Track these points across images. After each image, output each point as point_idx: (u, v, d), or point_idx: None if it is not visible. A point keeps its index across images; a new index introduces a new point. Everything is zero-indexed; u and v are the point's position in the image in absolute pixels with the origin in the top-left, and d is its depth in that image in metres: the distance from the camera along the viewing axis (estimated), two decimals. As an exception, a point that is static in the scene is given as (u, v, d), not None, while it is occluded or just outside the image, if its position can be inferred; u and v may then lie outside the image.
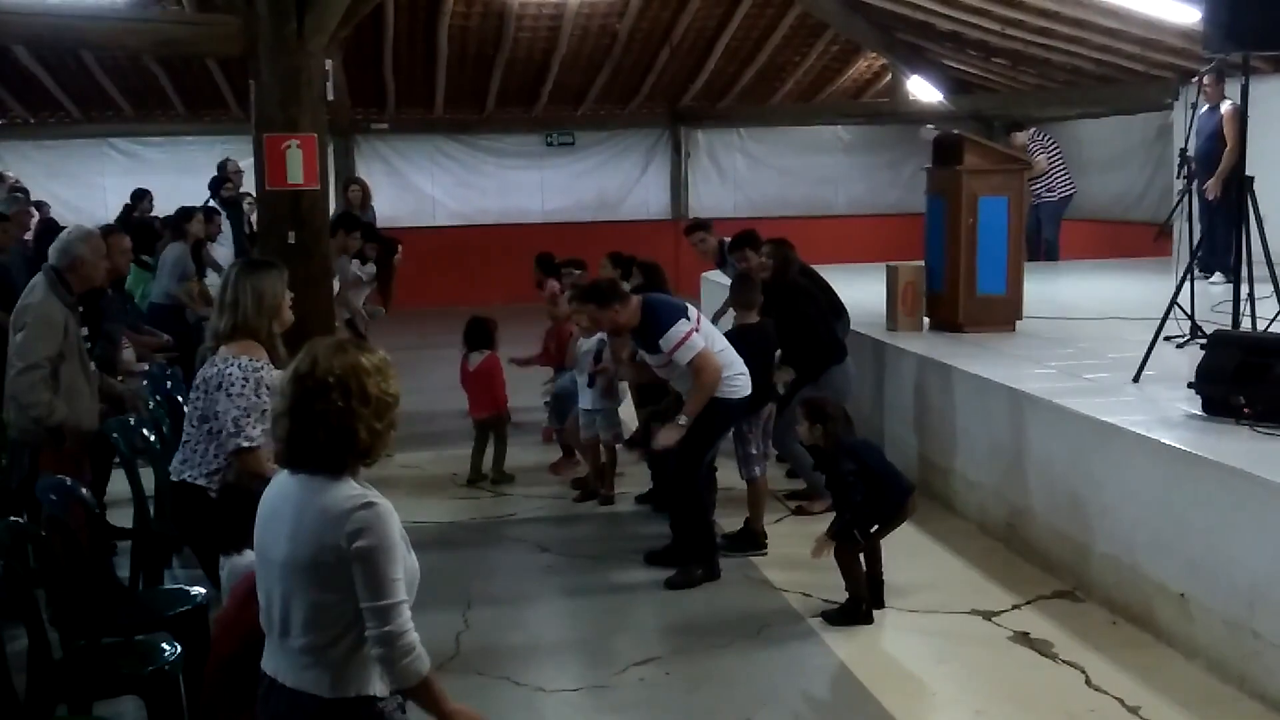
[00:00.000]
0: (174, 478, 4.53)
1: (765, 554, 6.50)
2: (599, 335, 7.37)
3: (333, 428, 2.71)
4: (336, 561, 2.68)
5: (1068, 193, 13.92)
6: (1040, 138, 14.06)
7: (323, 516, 2.70)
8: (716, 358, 5.96)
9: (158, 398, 6.37)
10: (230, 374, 4.34)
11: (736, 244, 8.19)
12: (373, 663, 2.77)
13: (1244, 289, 6.54)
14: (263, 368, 4.37)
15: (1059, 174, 13.83)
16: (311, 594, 2.72)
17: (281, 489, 2.81)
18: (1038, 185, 13.44)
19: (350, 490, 2.73)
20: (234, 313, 4.45)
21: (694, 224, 9.51)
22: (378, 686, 2.79)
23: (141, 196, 13.30)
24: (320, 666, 2.74)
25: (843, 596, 5.68)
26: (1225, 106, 9.69)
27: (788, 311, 7.02)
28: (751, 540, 6.58)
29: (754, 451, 6.55)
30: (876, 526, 5.68)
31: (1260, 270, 6.54)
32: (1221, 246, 9.93)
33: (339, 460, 2.74)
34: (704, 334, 6.05)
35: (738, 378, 6.09)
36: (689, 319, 6.00)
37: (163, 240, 10.27)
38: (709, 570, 6.12)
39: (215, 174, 12.66)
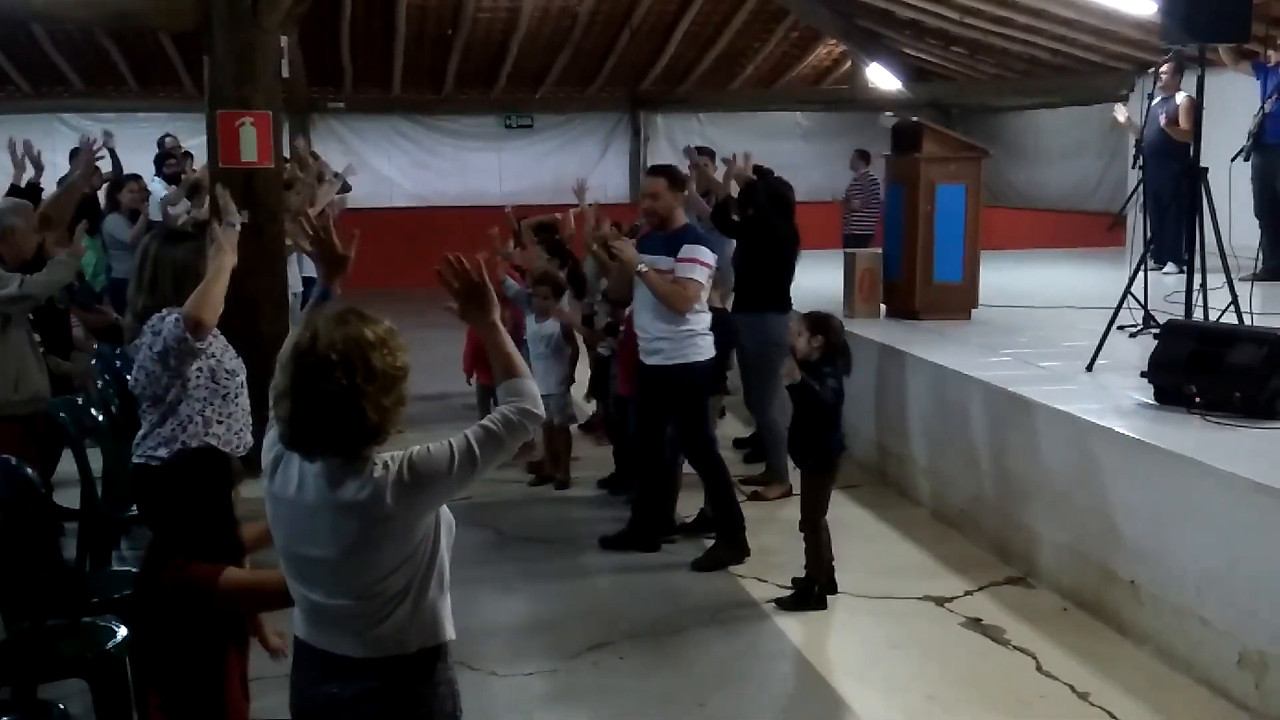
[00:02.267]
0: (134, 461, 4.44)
1: (675, 540, 6.41)
2: (553, 321, 7.34)
3: (337, 408, 2.55)
4: (384, 536, 2.59)
5: (866, 234, 14.14)
6: (866, 181, 14.44)
7: (357, 508, 2.57)
8: (704, 288, 5.97)
9: (107, 377, 6.26)
10: (146, 335, 4.22)
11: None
12: (439, 610, 2.69)
13: (1197, 279, 6.61)
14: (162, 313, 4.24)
15: (868, 216, 14.32)
16: (367, 579, 2.61)
17: (303, 485, 2.65)
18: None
19: (375, 472, 2.60)
20: (153, 293, 4.27)
21: (701, 149, 9.31)
22: (448, 632, 2.72)
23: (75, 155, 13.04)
24: (392, 631, 2.64)
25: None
26: (1182, 97, 9.78)
27: (761, 228, 7.10)
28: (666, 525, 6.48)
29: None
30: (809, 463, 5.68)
31: (1213, 260, 6.61)
32: (1173, 237, 10.04)
33: (348, 442, 2.58)
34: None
35: (703, 337, 6.06)
36: (712, 262, 6.06)
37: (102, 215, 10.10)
38: (735, 552, 6.09)
39: (157, 151, 12.46)
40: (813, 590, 5.56)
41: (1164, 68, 9.98)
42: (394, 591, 2.62)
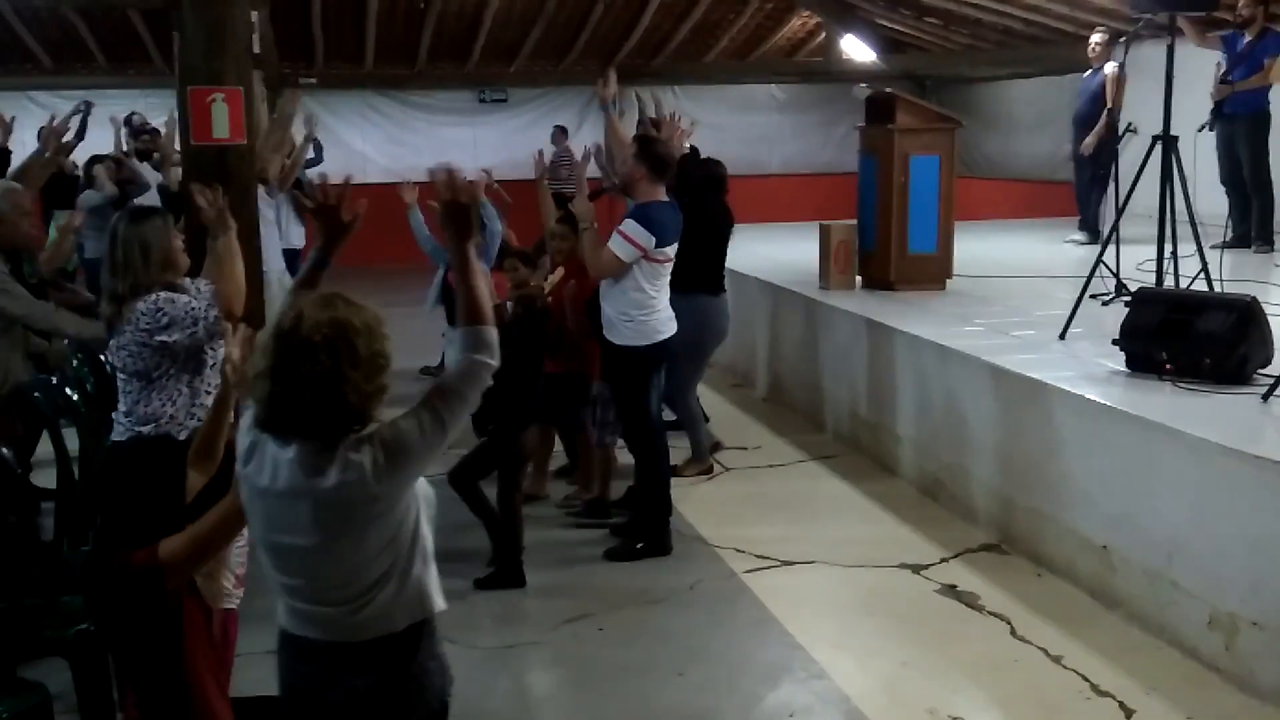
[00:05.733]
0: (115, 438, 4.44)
1: (609, 525, 6.31)
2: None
3: (319, 391, 2.51)
4: (368, 519, 2.57)
5: None
6: (568, 155, 15.09)
7: (340, 494, 2.54)
8: (621, 262, 5.74)
9: (80, 356, 6.24)
10: (141, 319, 4.23)
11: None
12: (425, 583, 2.66)
13: (1168, 248, 6.66)
14: (156, 296, 4.28)
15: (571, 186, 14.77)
16: (351, 564, 2.59)
17: (277, 473, 2.60)
18: None
19: (353, 455, 2.56)
20: (127, 274, 4.29)
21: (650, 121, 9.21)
22: (437, 603, 2.70)
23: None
24: (379, 612, 2.62)
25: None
26: (1109, 68, 9.95)
27: (691, 207, 6.65)
28: (601, 509, 6.44)
29: (611, 419, 6.36)
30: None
31: (1184, 229, 6.66)
32: (1083, 204, 10.52)
33: (326, 426, 2.55)
34: (649, 271, 5.84)
35: (655, 317, 5.88)
36: (657, 243, 5.78)
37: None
38: (655, 544, 5.95)
39: (125, 129, 12.36)
40: (518, 562, 5.63)
41: (1095, 37, 10.15)
42: (379, 573, 2.61)
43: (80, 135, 10.77)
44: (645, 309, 5.90)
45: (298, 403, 2.52)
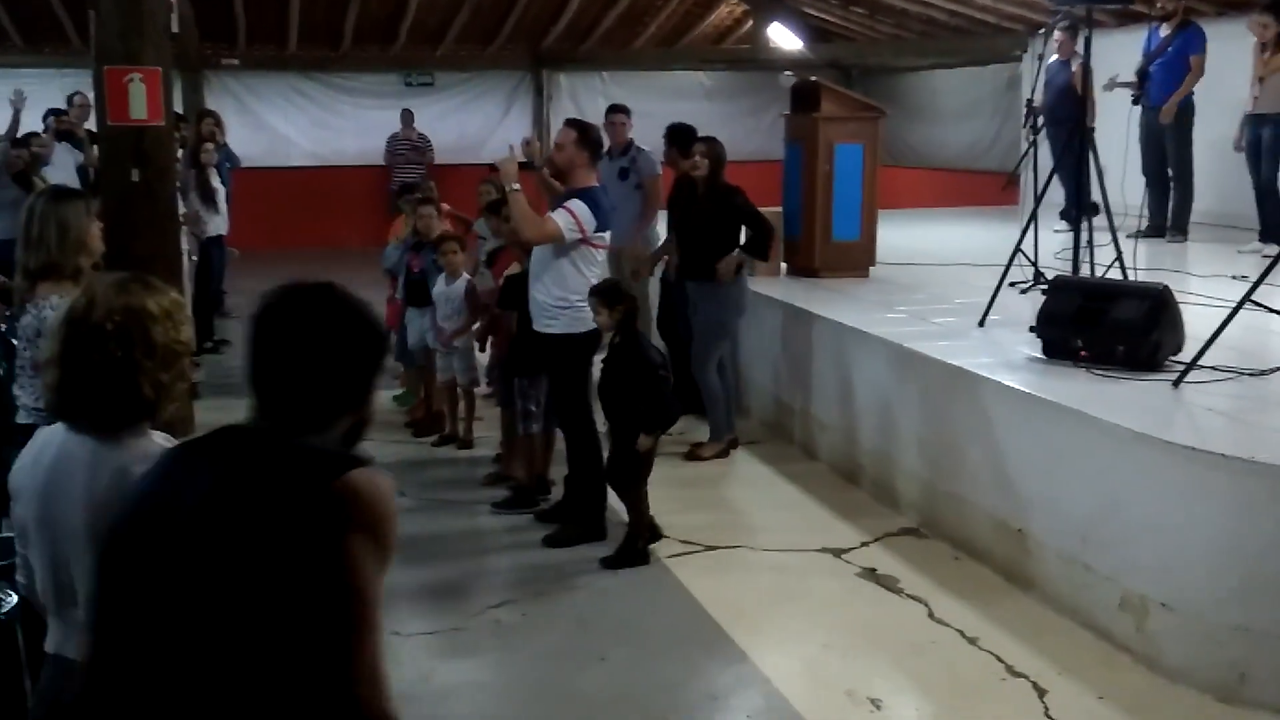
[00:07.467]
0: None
1: (539, 509, 6.30)
2: (462, 278, 7.29)
3: (110, 381, 2.39)
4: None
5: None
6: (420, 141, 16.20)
7: (127, 477, 2.36)
8: (561, 236, 5.73)
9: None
10: (46, 318, 4.18)
11: (678, 139, 8.09)
12: None
13: (1084, 237, 6.79)
14: None
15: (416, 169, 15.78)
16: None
17: (64, 449, 2.47)
18: None
19: (152, 447, 2.44)
20: (40, 249, 4.25)
21: (618, 107, 9.26)
22: None
23: None
24: None
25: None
26: (1077, 65, 10.00)
27: (724, 211, 7.08)
28: (527, 498, 6.42)
29: (533, 408, 6.39)
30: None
31: (1099, 219, 6.78)
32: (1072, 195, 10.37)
33: (118, 416, 2.43)
34: (588, 256, 5.89)
35: (582, 305, 5.86)
36: (594, 228, 5.81)
37: None
38: (593, 530, 5.95)
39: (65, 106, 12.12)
40: (635, 543, 5.66)
41: (1058, 31, 10.21)
42: None
43: (13, 133, 10.54)
44: (583, 294, 5.88)
45: (87, 391, 2.42)
